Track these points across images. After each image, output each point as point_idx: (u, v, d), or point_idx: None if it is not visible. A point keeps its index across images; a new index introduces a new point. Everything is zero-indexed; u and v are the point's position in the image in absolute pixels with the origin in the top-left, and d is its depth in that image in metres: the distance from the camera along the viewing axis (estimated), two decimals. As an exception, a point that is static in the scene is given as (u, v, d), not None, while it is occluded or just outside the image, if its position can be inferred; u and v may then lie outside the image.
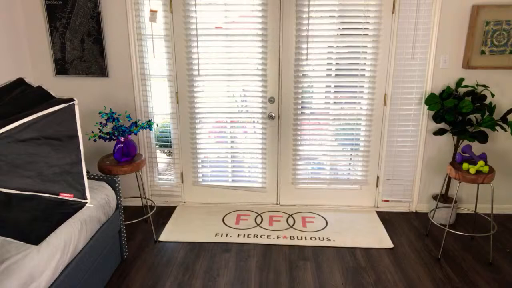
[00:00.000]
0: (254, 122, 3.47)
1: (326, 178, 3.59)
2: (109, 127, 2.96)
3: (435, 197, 3.41)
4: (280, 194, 3.67)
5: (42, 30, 3.25)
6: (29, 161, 1.29)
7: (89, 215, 2.32)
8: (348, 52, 3.31)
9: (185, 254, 2.96)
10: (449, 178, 3.29)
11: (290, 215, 3.52)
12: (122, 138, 2.97)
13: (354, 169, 3.56)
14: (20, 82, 1.51)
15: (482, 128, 3.09)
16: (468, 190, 3.23)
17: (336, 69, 3.37)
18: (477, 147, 3.12)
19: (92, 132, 2.90)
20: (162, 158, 3.78)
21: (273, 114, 3.41)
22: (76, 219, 2.17)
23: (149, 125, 3.11)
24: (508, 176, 3.42)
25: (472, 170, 2.79)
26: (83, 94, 3.34)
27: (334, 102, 3.48)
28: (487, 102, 3.09)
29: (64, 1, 3.16)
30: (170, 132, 3.57)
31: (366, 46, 3.26)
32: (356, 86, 3.38)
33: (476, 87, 3.12)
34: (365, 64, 3.30)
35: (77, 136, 1.37)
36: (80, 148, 1.38)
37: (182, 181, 3.65)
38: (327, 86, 3.42)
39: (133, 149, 3.06)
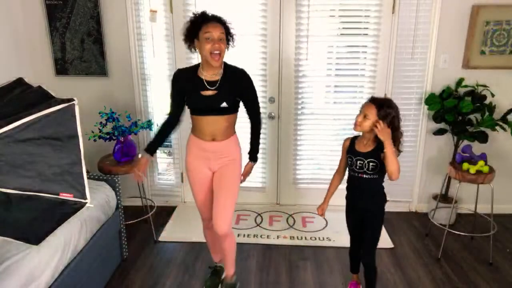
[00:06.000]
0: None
1: (326, 178, 3.57)
2: (109, 127, 2.96)
3: (435, 197, 3.40)
4: (280, 194, 3.67)
5: (42, 30, 3.25)
6: (29, 161, 1.29)
7: (89, 215, 2.32)
8: (348, 52, 3.31)
9: (185, 254, 2.95)
10: (449, 178, 3.29)
11: (290, 215, 3.52)
12: (122, 138, 2.96)
13: (354, 169, 3.56)
14: (19, 82, 1.51)
15: (482, 128, 3.09)
16: (468, 190, 3.23)
17: (336, 69, 3.37)
18: (477, 147, 3.11)
19: (92, 132, 2.90)
20: (162, 158, 3.78)
21: (273, 114, 3.41)
22: (76, 219, 2.17)
23: (149, 125, 3.11)
24: (508, 176, 3.42)
25: (472, 170, 2.79)
26: (83, 94, 3.33)
27: (334, 102, 3.49)
28: (487, 102, 3.09)
29: (64, 1, 3.15)
30: (170, 132, 3.57)
31: (366, 46, 3.26)
32: (356, 86, 3.38)
33: (476, 87, 3.11)
34: (365, 64, 3.30)
35: (77, 136, 1.37)
36: (80, 148, 1.37)
37: (182, 181, 3.65)
38: (327, 86, 3.42)
39: (133, 149, 3.06)
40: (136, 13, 3.21)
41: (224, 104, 2.10)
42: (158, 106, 3.51)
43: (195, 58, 3.30)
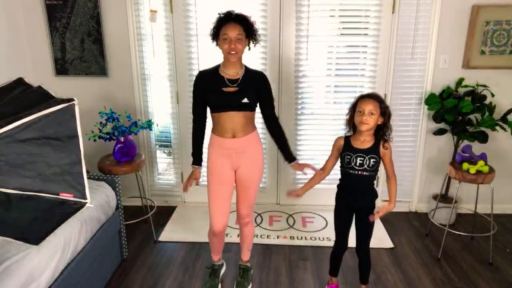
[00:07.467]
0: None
1: (326, 178, 3.58)
2: (109, 127, 2.96)
3: (435, 197, 3.41)
4: (280, 194, 3.67)
5: (42, 30, 3.25)
6: (29, 161, 1.29)
7: (89, 215, 2.32)
8: (348, 52, 3.31)
9: (185, 254, 2.95)
10: (449, 178, 3.29)
11: (290, 215, 3.52)
12: (122, 138, 2.96)
13: (354, 169, 3.55)
14: (19, 82, 1.51)
15: (482, 128, 3.09)
16: (468, 190, 3.23)
17: (336, 69, 3.37)
18: (477, 147, 3.11)
19: (92, 132, 2.90)
20: (162, 158, 3.78)
21: (273, 114, 3.41)
22: (76, 219, 2.17)
23: (149, 125, 3.11)
24: (508, 176, 3.42)
25: (472, 170, 2.79)
26: (83, 94, 3.34)
27: (334, 102, 3.49)
28: (487, 102, 3.09)
29: (64, 1, 3.15)
30: (170, 132, 3.57)
31: (366, 46, 3.26)
32: (356, 86, 3.38)
33: (476, 87, 3.11)
34: (365, 64, 3.30)
35: (77, 136, 1.37)
36: (80, 148, 1.37)
37: (182, 181, 3.65)
38: (327, 86, 3.42)
39: (133, 149, 3.06)
40: (136, 13, 3.21)
41: (245, 100, 2.18)
42: (158, 106, 3.51)
43: (195, 59, 3.30)
